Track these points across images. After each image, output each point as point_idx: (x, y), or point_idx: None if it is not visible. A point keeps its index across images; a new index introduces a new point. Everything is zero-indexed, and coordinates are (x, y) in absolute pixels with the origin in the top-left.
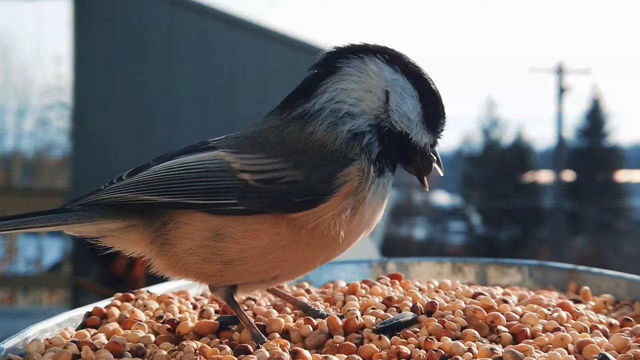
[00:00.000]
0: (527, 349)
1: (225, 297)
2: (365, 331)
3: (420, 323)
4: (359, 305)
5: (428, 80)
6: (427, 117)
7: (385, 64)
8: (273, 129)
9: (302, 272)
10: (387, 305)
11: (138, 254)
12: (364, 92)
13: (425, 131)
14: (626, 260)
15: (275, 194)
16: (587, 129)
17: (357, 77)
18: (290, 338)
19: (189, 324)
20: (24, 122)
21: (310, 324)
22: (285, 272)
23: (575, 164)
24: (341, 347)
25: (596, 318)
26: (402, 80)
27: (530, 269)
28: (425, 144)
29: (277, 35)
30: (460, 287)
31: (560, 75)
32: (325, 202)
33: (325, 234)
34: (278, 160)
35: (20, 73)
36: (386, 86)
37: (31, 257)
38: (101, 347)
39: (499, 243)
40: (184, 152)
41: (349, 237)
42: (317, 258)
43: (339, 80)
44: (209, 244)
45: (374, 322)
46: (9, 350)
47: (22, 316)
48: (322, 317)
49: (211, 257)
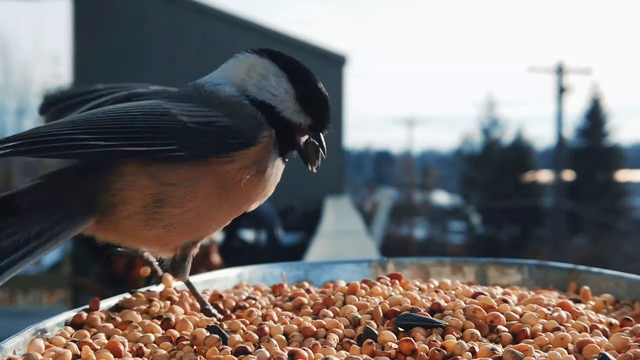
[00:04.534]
0: (527, 349)
1: (187, 277)
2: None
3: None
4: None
5: (297, 64)
6: (300, 97)
7: (257, 55)
8: (194, 89)
9: (221, 226)
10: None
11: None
12: (239, 71)
13: (300, 110)
14: (626, 260)
15: (212, 135)
16: (587, 128)
17: (239, 61)
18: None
19: (189, 323)
20: (23, 122)
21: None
22: (212, 230)
23: (575, 163)
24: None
25: (596, 318)
26: (266, 62)
27: (530, 269)
28: (301, 123)
29: (277, 35)
30: (460, 287)
31: (560, 75)
32: (254, 146)
33: (246, 185)
34: (210, 109)
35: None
36: (249, 65)
37: None
38: (101, 347)
39: (499, 243)
40: (118, 101)
41: (257, 192)
42: (235, 212)
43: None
44: (150, 209)
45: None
46: (9, 350)
47: (22, 316)
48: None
49: (151, 222)
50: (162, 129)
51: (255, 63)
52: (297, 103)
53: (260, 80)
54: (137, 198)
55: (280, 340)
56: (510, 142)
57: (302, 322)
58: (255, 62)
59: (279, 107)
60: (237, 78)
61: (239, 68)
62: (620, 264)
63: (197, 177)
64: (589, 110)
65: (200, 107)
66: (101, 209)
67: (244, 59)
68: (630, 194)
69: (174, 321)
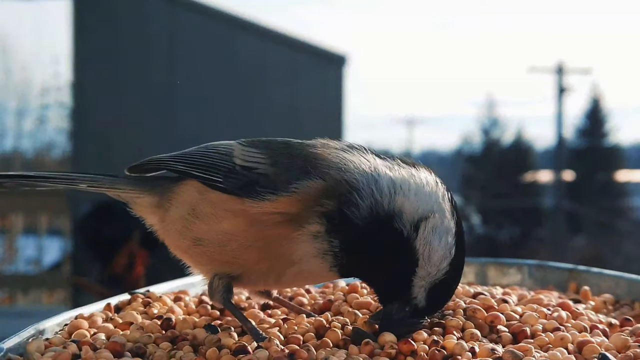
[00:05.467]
0: (527, 349)
1: (222, 301)
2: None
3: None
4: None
5: (463, 236)
6: (434, 288)
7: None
8: (286, 142)
9: (263, 280)
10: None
11: (150, 223)
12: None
13: (425, 293)
14: (626, 260)
15: (246, 179)
16: (587, 128)
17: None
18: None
19: (188, 323)
20: (23, 122)
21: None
22: (246, 272)
23: (575, 163)
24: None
25: (596, 318)
26: (448, 221)
27: (530, 269)
28: (415, 298)
29: (277, 35)
30: (460, 287)
31: (560, 75)
32: (279, 197)
33: (276, 239)
34: (265, 157)
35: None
36: (428, 211)
37: (31, 256)
38: (101, 347)
39: (499, 243)
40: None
41: (298, 262)
42: (269, 268)
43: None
44: (186, 216)
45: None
46: (9, 350)
47: (22, 316)
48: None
49: (184, 231)
50: (218, 165)
51: (437, 209)
52: (428, 287)
53: (431, 236)
54: (183, 202)
55: (280, 340)
56: (510, 142)
57: (302, 322)
58: (438, 208)
59: (419, 272)
60: (409, 210)
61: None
62: (620, 264)
63: (229, 206)
64: (589, 110)
65: (261, 154)
66: (166, 200)
67: (435, 185)
68: (630, 194)
69: (174, 321)
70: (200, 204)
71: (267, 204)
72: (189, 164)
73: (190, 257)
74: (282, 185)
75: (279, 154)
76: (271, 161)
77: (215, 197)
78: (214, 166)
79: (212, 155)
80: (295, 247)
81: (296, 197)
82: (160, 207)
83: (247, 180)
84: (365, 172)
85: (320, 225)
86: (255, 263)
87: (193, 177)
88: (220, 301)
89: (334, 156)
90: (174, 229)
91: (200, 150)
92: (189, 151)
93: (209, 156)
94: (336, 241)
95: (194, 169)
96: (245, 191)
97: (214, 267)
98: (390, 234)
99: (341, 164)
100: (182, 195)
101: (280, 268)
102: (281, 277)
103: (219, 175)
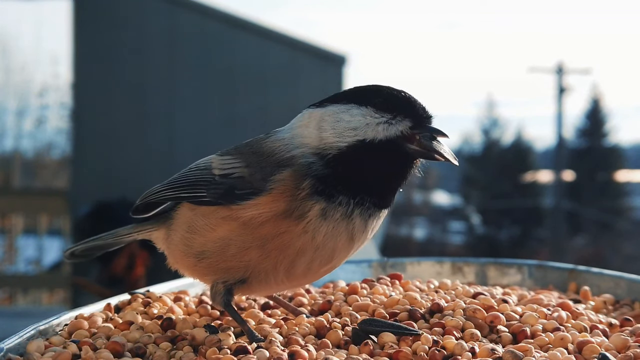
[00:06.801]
0: (527, 349)
1: (223, 304)
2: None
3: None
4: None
5: (359, 88)
6: (381, 108)
7: (319, 107)
8: (257, 140)
9: (273, 277)
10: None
11: (165, 254)
12: (308, 129)
13: (388, 120)
14: (626, 260)
15: (225, 186)
16: (587, 128)
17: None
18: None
19: (188, 323)
20: (23, 122)
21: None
22: (253, 273)
23: (575, 163)
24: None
25: (596, 318)
26: (332, 106)
27: (530, 269)
28: (401, 131)
29: (277, 35)
30: (460, 287)
31: (560, 75)
32: (260, 196)
33: (273, 235)
34: (239, 160)
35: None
36: (320, 119)
37: (31, 257)
38: (101, 347)
39: (499, 243)
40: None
41: (305, 251)
42: (275, 264)
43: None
44: (185, 235)
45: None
46: (9, 350)
47: (22, 316)
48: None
49: (186, 249)
50: (200, 181)
51: (322, 114)
52: (382, 116)
53: (335, 126)
54: (181, 223)
55: (280, 340)
56: (510, 142)
57: (302, 322)
58: (321, 111)
59: (367, 136)
60: (308, 138)
61: (307, 125)
62: (620, 264)
63: (218, 214)
64: (589, 110)
65: (235, 159)
66: (169, 228)
67: (310, 113)
68: (630, 194)
69: (174, 321)
70: (194, 219)
71: (251, 205)
72: (176, 188)
73: (198, 273)
74: (260, 184)
75: (247, 154)
76: (245, 163)
77: (205, 210)
78: (197, 183)
79: (194, 173)
80: (308, 236)
81: (276, 192)
82: (167, 235)
83: (226, 187)
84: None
85: (318, 202)
86: (259, 262)
87: (182, 199)
88: (221, 304)
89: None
90: (178, 251)
91: (184, 172)
92: (175, 176)
93: (192, 175)
94: (338, 187)
95: (181, 191)
96: (228, 198)
97: (222, 277)
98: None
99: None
100: (178, 218)
101: (287, 261)
102: (292, 269)
103: (202, 190)
